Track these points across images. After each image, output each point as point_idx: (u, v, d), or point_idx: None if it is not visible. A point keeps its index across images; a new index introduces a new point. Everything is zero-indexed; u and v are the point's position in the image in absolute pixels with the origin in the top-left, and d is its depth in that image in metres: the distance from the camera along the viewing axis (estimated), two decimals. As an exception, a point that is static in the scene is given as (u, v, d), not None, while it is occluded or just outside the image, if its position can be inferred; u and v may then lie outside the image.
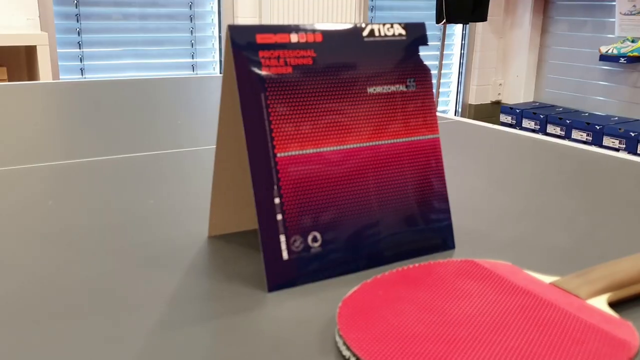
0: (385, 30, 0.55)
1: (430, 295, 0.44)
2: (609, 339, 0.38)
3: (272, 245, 0.48)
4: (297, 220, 0.49)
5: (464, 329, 0.39)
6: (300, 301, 0.47)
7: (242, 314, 0.45)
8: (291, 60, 0.50)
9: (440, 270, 0.48)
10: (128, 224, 0.62)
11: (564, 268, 0.53)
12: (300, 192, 0.49)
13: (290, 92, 0.50)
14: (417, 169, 0.56)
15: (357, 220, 0.52)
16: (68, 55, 3.22)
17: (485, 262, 0.50)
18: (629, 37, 3.85)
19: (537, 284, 0.46)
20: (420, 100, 0.56)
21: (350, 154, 0.52)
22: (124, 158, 0.88)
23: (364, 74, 0.53)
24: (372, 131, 0.53)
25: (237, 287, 0.49)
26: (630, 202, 0.72)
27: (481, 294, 0.44)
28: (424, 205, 0.56)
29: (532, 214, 0.67)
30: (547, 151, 0.97)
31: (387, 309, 0.42)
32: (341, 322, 0.41)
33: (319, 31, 0.52)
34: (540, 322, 0.40)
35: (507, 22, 4.58)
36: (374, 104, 0.54)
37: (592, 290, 0.44)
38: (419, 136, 0.56)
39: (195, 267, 0.52)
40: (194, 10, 3.42)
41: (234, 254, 0.55)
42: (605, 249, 0.57)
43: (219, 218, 0.58)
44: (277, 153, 0.49)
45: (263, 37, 0.49)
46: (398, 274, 0.48)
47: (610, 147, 3.73)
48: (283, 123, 0.49)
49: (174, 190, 0.73)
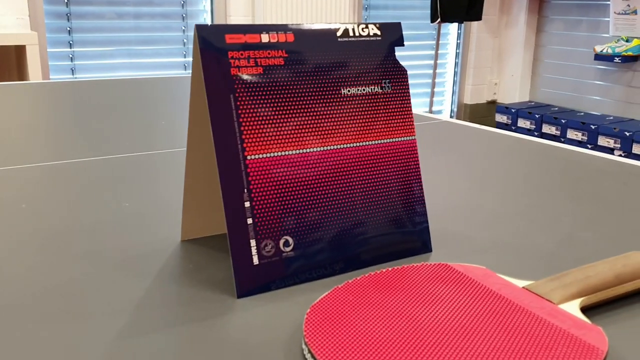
0: (359, 31, 0.54)
1: (401, 300, 0.43)
2: (578, 344, 0.37)
3: (242, 250, 0.47)
4: (268, 225, 0.48)
5: (432, 335, 0.39)
6: (270, 307, 0.46)
7: (210, 320, 0.44)
8: (262, 60, 0.49)
9: (413, 274, 0.48)
10: (101, 227, 0.61)
11: (541, 271, 0.52)
12: (271, 196, 0.49)
13: (261, 93, 0.49)
14: (393, 171, 0.55)
15: (332, 224, 0.51)
16: (59, 54, 3.20)
17: (459, 266, 0.49)
18: (624, 37, 3.85)
19: (510, 288, 0.45)
20: (396, 102, 0.55)
21: (324, 156, 0.51)
22: (103, 160, 0.87)
23: (337, 74, 0.52)
24: (347, 133, 0.53)
25: (207, 292, 0.48)
26: (614, 203, 0.71)
27: (452, 298, 0.43)
28: (401, 208, 0.55)
29: (514, 216, 0.66)
30: (535, 152, 0.96)
31: (356, 314, 0.41)
32: (308, 329, 0.40)
33: (291, 31, 0.51)
34: (510, 327, 0.39)
35: (502, 22, 4.58)
36: (348, 106, 0.53)
37: (565, 295, 0.43)
38: (395, 138, 0.55)
39: (165, 272, 0.51)
40: (187, 9, 3.41)
41: (206, 258, 0.54)
42: (584, 252, 0.57)
43: (191, 222, 0.57)
44: (248, 156, 0.48)
45: (232, 37, 0.48)
46: (370, 279, 0.47)
47: (605, 147, 3.73)
48: (254, 125, 0.48)
49: (151, 193, 0.72)
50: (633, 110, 3.96)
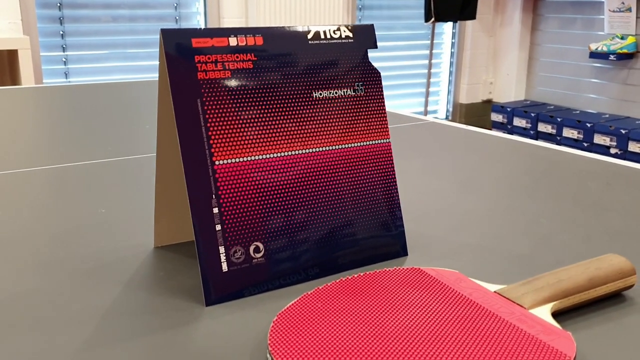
0: (331, 33, 0.53)
1: (369, 306, 0.43)
2: (545, 350, 0.37)
3: (211, 257, 0.47)
4: (237, 231, 0.48)
5: (398, 342, 0.38)
6: (238, 315, 0.45)
7: (176, 329, 0.43)
8: (230, 64, 0.48)
9: (385, 279, 0.47)
10: (75, 233, 0.60)
11: (516, 275, 0.52)
12: (241, 201, 0.48)
13: (229, 98, 0.48)
14: (367, 175, 0.54)
15: (305, 230, 0.51)
16: (52, 58, 3.19)
17: (432, 270, 0.48)
18: (618, 34, 3.84)
19: (481, 292, 0.44)
20: (370, 105, 0.55)
21: (296, 160, 0.51)
22: (85, 165, 0.86)
23: (308, 78, 0.52)
24: (319, 137, 0.52)
25: (176, 300, 0.47)
26: (595, 204, 0.70)
27: (422, 304, 0.43)
28: (376, 212, 0.54)
29: (493, 218, 0.65)
30: (520, 152, 0.95)
31: (323, 322, 0.41)
32: (272, 337, 0.39)
33: (260, 34, 0.50)
34: (478, 333, 0.39)
35: (497, 21, 4.57)
36: (320, 109, 0.52)
37: (536, 299, 0.43)
38: (369, 141, 0.55)
39: (135, 280, 0.51)
40: (179, 12, 3.40)
41: (178, 265, 0.53)
42: (561, 255, 0.56)
43: (163, 228, 0.56)
44: (216, 161, 0.47)
45: (199, 41, 0.48)
46: (340, 285, 0.46)
47: (601, 145, 3.73)
48: (222, 130, 0.48)
49: (131, 198, 0.71)
50: (629, 108, 3.96)
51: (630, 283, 0.47)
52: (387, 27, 4.17)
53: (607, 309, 0.46)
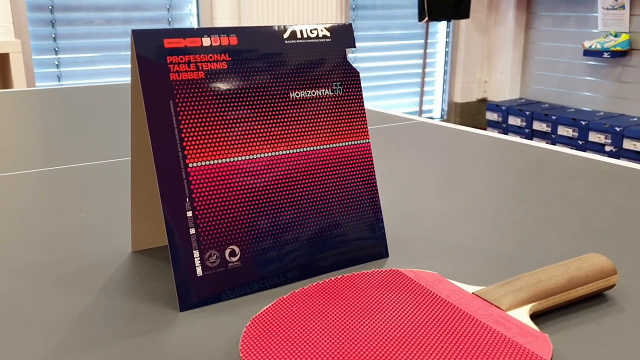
0: (308, 33, 0.53)
1: (345, 310, 0.42)
2: (521, 352, 0.36)
3: (185, 262, 0.46)
4: (212, 234, 0.47)
5: (372, 346, 0.37)
6: (212, 320, 0.44)
7: (149, 335, 0.42)
8: (203, 65, 0.48)
9: (362, 282, 0.46)
10: (54, 238, 0.59)
11: (498, 275, 0.51)
12: (216, 205, 0.47)
13: (203, 99, 0.47)
14: (346, 176, 0.53)
15: (282, 232, 0.50)
16: (45, 62, 3.18)
17: (410, 272, 0.48)
18: (612, 32, 3.84)
19: (460, 294, 0.44)
20: (348, 105, 0.54)
21: (272, 162, 0.50)
22: (72, 167, 0.85)
23: (285, 78, 0.51)
24: (296, 138, 0.51)
25: (151, 306, 0.47)
26: (581, 202, 0.70)
27: (399, 306, 0.42)
28: (356, 214, 0.54)
29: (479, 218, 0.65)
30: (507, 151, 0.95)
31: (297, 326, 0.40)
32: (244, 343, 0.38)
33: (234, 34, 0.49)
34: (453, 335, 0.38)
35: (491, 19, 4.57)
36: (298, 110, 0.51)
37: (514, 301, 0.42)
38: (348, 142, 0.54)
39: (111, 285, 0.50)
40: (172, 14, 3.39)
41: (154, 270, 0.52)
42: (545, 255, 0.55)
43: (140, 232, 0.55)
44: (189, 163, 0.46)
45: (171, 42, 0.47)
46: (317, 288, 0.45)
47: (596, 143, 3.72)
48: (195, 132, 0.47)
49: (112, 202, 0.70)
50: (623, 105, 3.96)
51: (612, 283, 0.46)
52: (381, 26, 4.17)
53: (588, 309, 0.45)
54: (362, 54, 4.12)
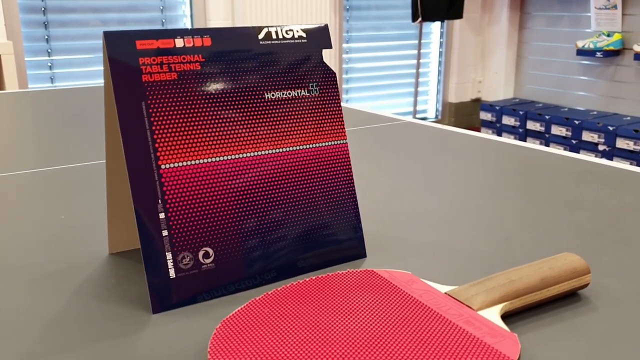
0: (283, 33, 0.53)
1: (317, 311, 0.42)
2: (488, 352, 0.36)
3: (157, 264, 0.46)
4: (185, 236, 0.47)
5: (342, 348, 0.37)
6: (184, 323, 0.44)
7: (121, 338, 0.42)
8: (176, 66, 0.48)
9: (336, 282, 0.46)
10: (31, 240, 0.59)
11: (475, 275, 0.51)
12: (189, 206, 0.47)
13: (176, 100, 0.47)
14: (323, 177, 0.53)
15: (258, 234, 0.50)
16: (38, 63, 3.17)
17: (385, 272, 0.47)
18: (605, 31, 3.85)
19: (432, 294, 0.44)
20: (324, 105, 0.54)
21: (247, 163, 0.50)
22: (58, 169, 0.85)
23: (260, 78, 0.51)
24: (272, 139, 0.51)
25: (125, 308, 0.46)
26: (563, 202, 0.70)
27: (370, 307, 0.42)
28: (333, 214, 0.54)
29: (460, 218, 0.65)
30: (491, 151, 0.95)
31: (267, 328, 0.40)
32: (213, 345, 0.38)
33: (208, 35, 0.49)
34: (422, 335, 0.38)
35: (485, 19, 4.58)
36: (273, 110, 0.51)
37: (485, 301, 0.42)
38: (324, 142, 0.54)
39: (86, 287, 0.50)
40: (165, 15, 3.39)
41: (130, 272, 0.52)
42: (522, 254, 0.55)
43: (117, 234, 0.55)
44: (162, 165, 0.46)
45: (143, 43, 0.47)
46: (290, 289, 0.45)
47: (589, 142, 3.73)
48: (168, 133, 0.47)
49: (93, 204, 0.70)
50: (616, 104, 3.96)
51: (585, 282, 0.46)
52: (375, 27, 4.17)
53: (561, 308, 0.45)
54: (356, 55, 4.12)
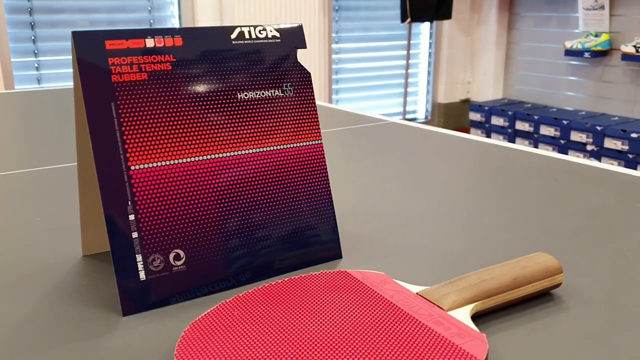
0: (256, 33, 0.52)
1: (287, 313, 0.42)
2: (456, 352, 0.36)
3: (127, 266, 0.45)
4: (156, 238, 0.46)
5: (308, 350, 0.37)
6: (154, 325, 0.44)
7: (89, 341, 0.42)
8: (146, 66, 0.47)
9: (308, 284, 0.46)
10: (5, 242, 0.59)
11: (449, 275, 0.51)
12: (159, 208, 0.47)
13: (146, 100, 0.47)
14: (298, 177, 0.53)
15: (230, 235, 0.49)
16: (25, 64, 3.15)
17: (358, 273, 0.47)
18: (593, 32, 3.87)
19: (404, 294, 0.43)
20: (299, 105, 0.54)
21: (219, 164, 0.49)
22: (39, 171, 0.84)
23: (232, 79, 0.51)
24: (245, 139, 0.51)
25: (96, 310, 0.46)
26: (541, 201, 0.70)
27: (341, 308, 0.42)
28: (308, 215, 0.53)
29: (437, 218, 0.65)
30: (472, 151, 0.95)
31: (236, 330, 0.40)
32: (180, 348, 0.38)
33: (179, 35, 0.49)
34: (392, 337, 0.38)
35: (474, 20, 4.59)
36: (246, 111, 0.51)
37: (456, 300, 0.42)
38: (299, 143, 0.53)
39: (58, 289, 0.49)
40: (154, 15, 3.37)
41: (103, 274, 0.52)
42: (497, 254, 0.55)
43: (90, 236, 0.54)
44: (131, 166, 0.46)
45: (113, 43, 0.46)
46: (262, 291, 0.45)
47: (577, 142, 3.75)
48: (138, 134, 0.46)
49: (70, 205, 0.70)
50: (604, 104, 3.99)
51: (557, 282, 0.46)
52: (364, 27, 4.17)
53: (533, 308, 0.45)
54: (345, 55, 4.12)
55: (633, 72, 3.77)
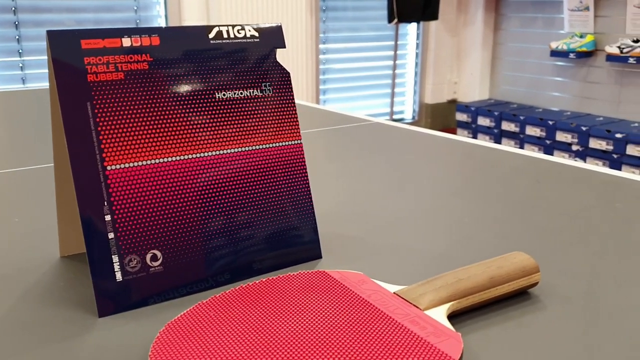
0: (235, 33, 0.52)
1: (264, 313, 0.41)
2: (431, 352, 0.36)
3: (103, 267, 0.45)
4: (132, 239, 0.46)
5: (283, 350, 0.37)
6: (131, 326, 0.43)
7: (65, 342, 0.41)
8: (123, 65, 0.47)
9: (286, 284, 0.46)
10: (-19, 245, 0.58)
11: (427, 274, 0.51)
12: (136, 208, 0.46)
13: (123, 100, 0.46)
14: (277, 177, 0.53)
15: (209, 235, 0.49)
16: (9, 64, 3.12)
17: (337, 273, 0.47)
18: (578, 33, 3.90)
19: (381, 294, 0.43)
20: (278, 105, 0.54)
21: (198, 164, 0.49)
22: (12, 172, 0.83)
23: (210, 78, 0.50)
24: (223, 139, 0.50)
25: (72, 312, 0.46)
26: (522, 201, 0.70)
27: (318, 308, 0.42)
28: (287, 215, 0.53)
29: (419, 218, 0.65)
30: (455, 152, 0.95)
31: (211, 331, 0.39)
32: (155, 350, 0.38)
33: (156, 34, 0.48)
34: (368, 336, 0.38)
35: (460, 20, 4.61)
36: (224, 110, 0.51)
37: (432, 300, 0.42)
38: (278, 143, 0.53)
39: (35, 291, 0.49)
40: (140, 15, 3.35)
41: (80, 275, 0.51)
42: (476, 254, 0.56)
43: (68, 237, 0.54)
44: (107, 166, 0.45)
45: (89, 42, 0.46)
46: (239, 292, 0.45)
47: (563, 142, 3.78)
48: (114, 134, 0.46)
49: (48, 206, 0.69)
50: (589, 105, 4.02)
51: (534, 281, 0.46)
52: (351, 28, 4.17)
53: (510, 307, 0.45)
54: (333, 56, 4.12)
55: (617, 73, 3.81)
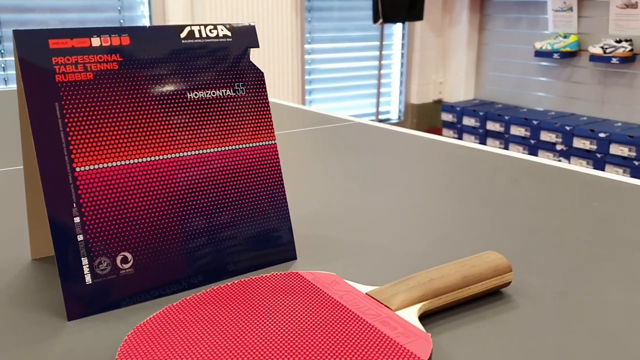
0: (207, 32, 0.52)
1: (235, 315, 0.41)
2: (400, 352, 0.36)
3: (72, 270, 0.44)
4: (102, 241, 0.45)
5: (252, 352, 0.36)
6: (100, 329, 0.43)
7: (32, 345, 0.41)
8: (92, 65, 0.46)
9: (258, 285, 0.45)
10: (-49, 248, 0.57)
11: (401, 274, 0.51)
12: (106, 210, 0.46)
13: (92, 101, 0.46)
14: (251, 178, 0.52)
15: (181, 237, 0.49)
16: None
17: (309, 274, 0.47)
18: (562, 33, 3.93)
19: (353, 295, 0.43)
20: (252, 105, 0.53)
21: (170, 165, 0.49)
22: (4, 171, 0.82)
23: (182, 78, 0.50)
24: (195, 139, 0.50)
25: (41, 315, 0.45)
26: (499, 200, 0.70)
27: (289, 310, 0.41)
28: (261, 216, 0.53)
29: (397, 218, 0.65)
30: (436, 151, 0.95)
31: (180, 334, 0.39)
32: (122, 352, 0.37)
33: (126, 34, 0.48)
34: (338, 337, 0.37)
35: (446, 21, 4.63)
36: (196, 111, 0.50)
37: (404, 300, 0.42)
38: (252, 143, 0.53)
39: (4, 293, 0.48)
40: (124, 15, 3.33)
41: (51, 277, 0.51)
42: (453, 253, 0.56)
43: (39, 240, 0.53)
44: (76, 167, 0.45)
45: (57, 42, 0.45)
46: (210, 294, 0.44)
47: (547, 142, 3.81)
48: (83, 134, 0.45)
49: (20, 208, 0.68)
50: (573, 104, 4.06)
51: (507, 280, 0.46)
52: (337, 28, 4.18)
53: (482, 307, 0.45)
54: (318, 56, 4.12)
55: (601, 73, 3.84)
